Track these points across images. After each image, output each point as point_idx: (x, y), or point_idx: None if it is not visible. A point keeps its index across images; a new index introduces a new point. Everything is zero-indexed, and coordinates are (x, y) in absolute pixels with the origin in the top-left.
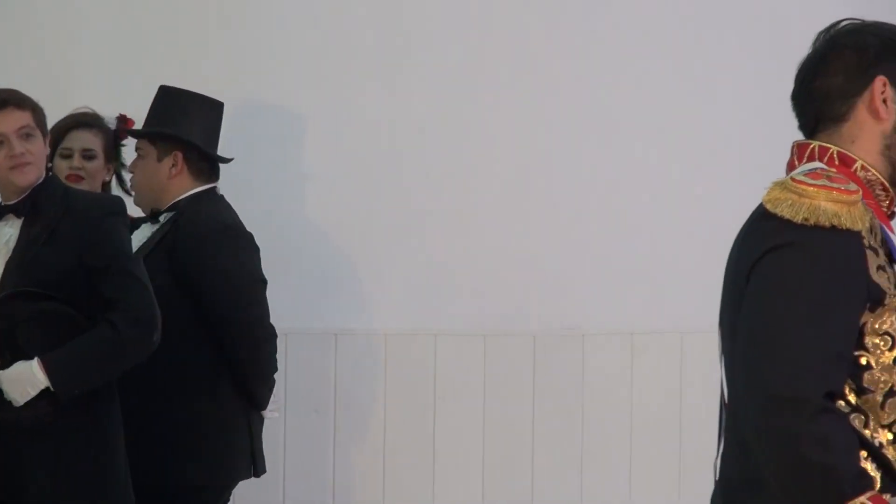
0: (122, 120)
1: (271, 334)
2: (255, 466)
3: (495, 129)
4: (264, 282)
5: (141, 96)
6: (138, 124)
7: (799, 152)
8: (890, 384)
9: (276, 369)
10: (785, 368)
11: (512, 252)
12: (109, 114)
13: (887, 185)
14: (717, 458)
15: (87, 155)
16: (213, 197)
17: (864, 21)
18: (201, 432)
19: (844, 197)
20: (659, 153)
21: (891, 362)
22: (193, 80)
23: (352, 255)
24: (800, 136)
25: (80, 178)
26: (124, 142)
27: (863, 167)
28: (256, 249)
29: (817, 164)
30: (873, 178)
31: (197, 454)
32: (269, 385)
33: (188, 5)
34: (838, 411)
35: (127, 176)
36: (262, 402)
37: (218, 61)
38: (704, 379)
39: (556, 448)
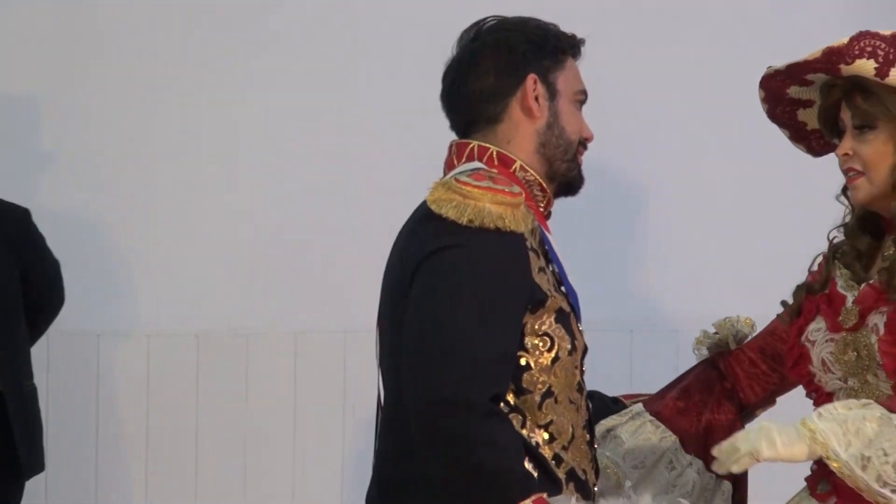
0: None
1: None
2: None
3: (168, 131)
4: None
5: None
6: None
7: (458, 151)
8: (548, 385)
9: None
10: (452, 371)
11: (173, 253)
12: None
13: (544, 184)
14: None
15: None
16: None
17: (507, 18)
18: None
19: (509, 199)
20: (317, 151)
21: (549, 363)
22: None
23: None
24: (454, 136)
25: None
26: None
27: (521, 168)
28: None
29: (478, 164)
30: (532, 178)
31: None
32: None
33: None
34: (503, 414)
35: None
36: None
37: None
38: (369, 378)
39: (220, 447)
